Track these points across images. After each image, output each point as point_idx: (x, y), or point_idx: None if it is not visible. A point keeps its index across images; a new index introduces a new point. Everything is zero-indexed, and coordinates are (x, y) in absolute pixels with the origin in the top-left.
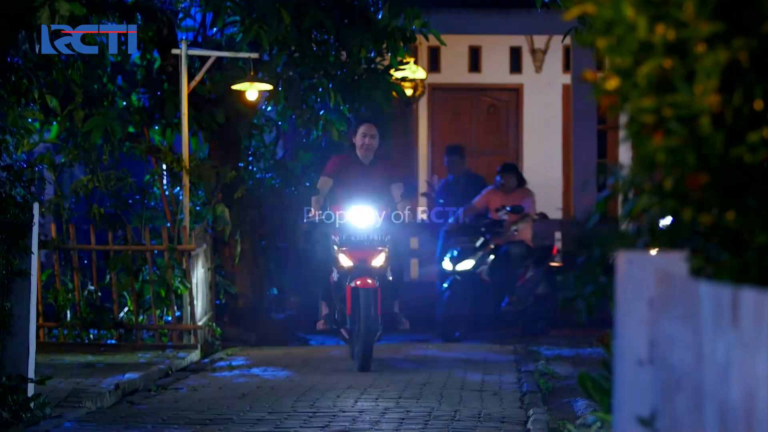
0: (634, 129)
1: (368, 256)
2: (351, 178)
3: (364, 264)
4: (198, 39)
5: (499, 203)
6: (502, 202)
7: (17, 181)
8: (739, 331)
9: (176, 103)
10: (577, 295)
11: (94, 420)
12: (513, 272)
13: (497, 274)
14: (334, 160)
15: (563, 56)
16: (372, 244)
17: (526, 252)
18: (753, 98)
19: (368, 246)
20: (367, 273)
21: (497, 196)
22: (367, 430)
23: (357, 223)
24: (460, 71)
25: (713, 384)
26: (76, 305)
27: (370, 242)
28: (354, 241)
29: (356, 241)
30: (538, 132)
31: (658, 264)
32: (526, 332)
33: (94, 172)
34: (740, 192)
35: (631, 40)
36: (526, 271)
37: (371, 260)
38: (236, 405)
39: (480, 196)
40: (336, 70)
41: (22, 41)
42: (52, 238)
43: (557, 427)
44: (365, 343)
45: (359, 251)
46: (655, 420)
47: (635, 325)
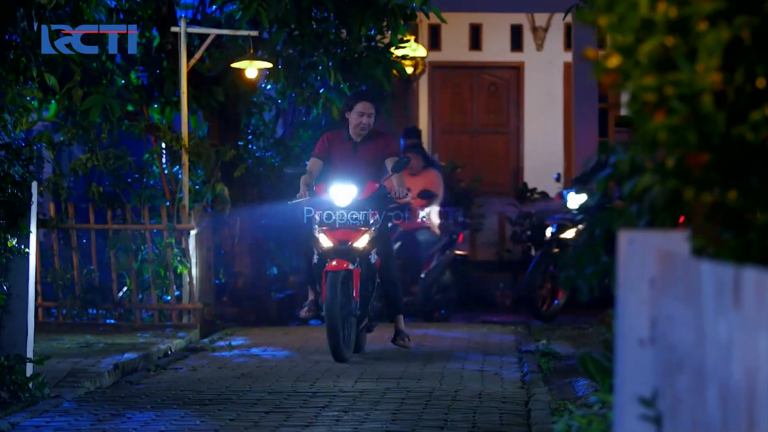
0: (635, 107)
1: (350, 236)
2: (341, 155)
3: (344, 245)
4: (197, 17)
5: (350, 153)
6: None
7: (16, 159)
8: (740, 311)
9: (175, 81)
10: (578, 275)
11: (93, 400)
12: (418, 260)
13: (403, 261)
14: (324, 139)
15: (564, 34)
16: (355, 223)
17: (433, 239)
18: (755, 76)
19: (350, 225)
20: (345, 255)
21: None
22: (368, 410)
23: (338, 201)
24: (460, 49)
25: (715, 364)
26: (75, 285)
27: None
28: (335, 220)
29: (337, 220)
30: (539, 110)
31: (659, 243)
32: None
33: (93, 151)
34: (742, 171)
35: (632, 17)
36: (431, 260)
37: (353, 241)
38: (236, 385)
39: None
40: (336, 48)
41: (20, 19)
42: (51, 217)
43: (558, 407)
44: (329, 331)
45: (339, 231)
46: (657, 400)
47: (636, 304)
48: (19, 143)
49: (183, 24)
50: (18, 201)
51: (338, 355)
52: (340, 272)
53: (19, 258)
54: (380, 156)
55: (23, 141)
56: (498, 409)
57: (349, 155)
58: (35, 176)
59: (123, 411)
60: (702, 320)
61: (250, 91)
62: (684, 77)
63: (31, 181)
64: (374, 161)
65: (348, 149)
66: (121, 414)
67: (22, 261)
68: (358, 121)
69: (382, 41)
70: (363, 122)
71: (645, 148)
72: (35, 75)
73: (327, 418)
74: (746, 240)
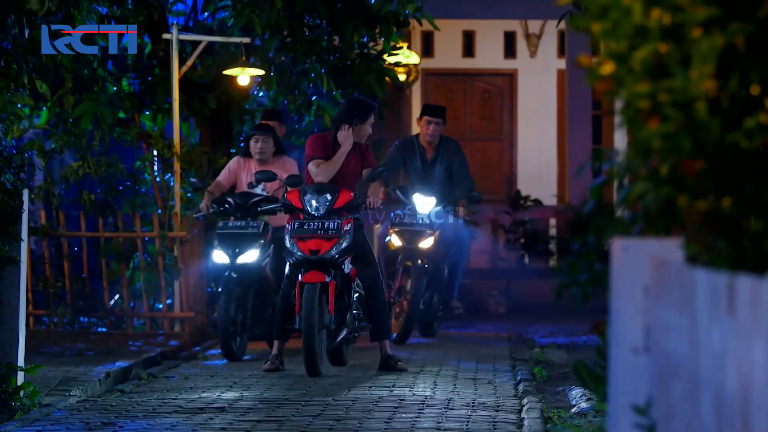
0: (629, 114)
1: (321, 245)
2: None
3: (315, 254)
4: (189, 23)
5: (253, 178)
6: (255, 176)
7: (7, 167)
8: (735, 318)
9: (167, 88)
10: (571, 283)
11: (85, 409)
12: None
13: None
14: (318, 142)
15: (558, 41)
16: (326, 232)
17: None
18: (749, 83)
19: (321, 235)
20: (319, 265)
21: (248, 167)
22: (360, 419)
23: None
24: (453, 56)
25: (709, 372)
26: (66, 293)
27: (324, 231)
28: (307, 228)
29: (309, 228)
30: (533, 117)
31: (653, 251)
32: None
33: (85, 158)
34: (736, 178)
35: (626, 24)
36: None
37: (324, 250)
38: (228, 393)
39: (226, 169)
40: (328, 55)
41: (11, 25)
42: (42, 225)
43: (552, 415)
44: (305, 346)
45: (311, 240)
46: (651, 408)
47: (630, 312)
48: (10, 151)
49: (175, 31)
50: (9, 209)
51: (312, 370)
52: (317, 285)
53: (10, 266)
54: (360, 167)
55: (14, 148)
56: (491, 417)
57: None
58: (26, 184)
59: (114, 420)
60: (696, 328)
61: (243, 98)
62: (678, 84)
63: (22, 189)
64: (356, 172)
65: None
66: (113, 423)
67: (13, 269)
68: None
69: (375, 48)
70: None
71: (639, 155)
72: (26, 82)
73: (319, 427)
74: (740, 247)
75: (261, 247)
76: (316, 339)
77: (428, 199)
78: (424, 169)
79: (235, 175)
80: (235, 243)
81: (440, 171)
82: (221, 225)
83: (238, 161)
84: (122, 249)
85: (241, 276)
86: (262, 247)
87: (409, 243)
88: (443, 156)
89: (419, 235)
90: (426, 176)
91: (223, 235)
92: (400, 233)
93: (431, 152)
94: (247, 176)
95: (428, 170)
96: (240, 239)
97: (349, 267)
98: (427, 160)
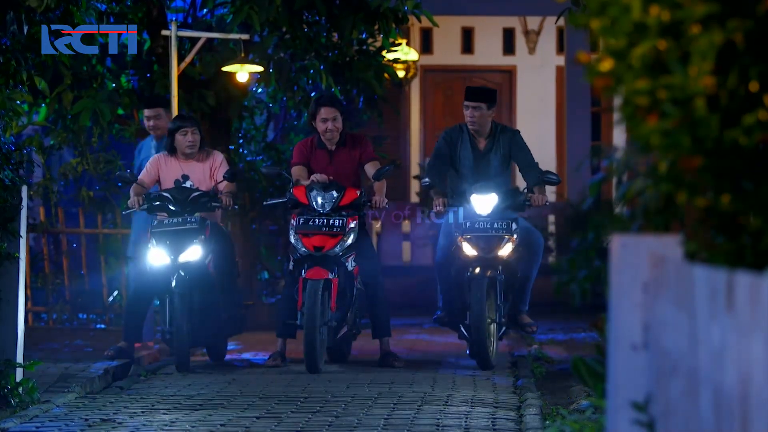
0: (628, 111)
1: (325, 242)
2: (317, 166)
3: (319, 251)
4: (188, 20)
5: (179, 174)
6: (183, 171)
7: (5, 163)
8: (734, 315)
9: (166, 85)
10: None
11: (83, 405)
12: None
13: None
14: (299, 148)
15: (557, 37)
16: (331, 229)
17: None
18: (748, 80)
19: (326, 231)
20: (323, 262)
21: (172, 164)
22: (359, 415)
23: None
24: (452, 53)
25: (708, 369)
26: (65, 289)
27: (329, 227)
28: (312, 225)
29: (314, 225)
30: (532, 114)
31: (652, 248)
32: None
33: (83, 155)
34: (735, 175)
35: (625, 21)
36: None
37: (328, 247)
38: (227, 390)
39: (145, 170)
40: (327, 52)
41: (10, 22)
42: (41, 222)
43: (551, 412)
44: (307, 343)
45: (315, 236)
46: (650, 405)
47: (629, 309)
48: (9, 147)
49: (174, 27)
50: (8, 205)
51: (312, 366)
52: (320, 281)
53: (8, 263)
54: (357, 162)
55: (13, 145)
56: (490, 413)
57: (326, 165)
58: (25, 180)
59: (113, 416)
60: (695, 325)
61: (241, 94)
62: (677, 81)
63: (21, 186)
64: (352, 168)
65: (324, 159)
66: (111, 419)
67: (12, 266)
68: (324, 127)
69: (374, 45)
70: (329, 127)
71: (638, 151)
72: (25, 79)
73: (319, 423)
74: (739, 244)
75: (202, 243)
76: (317, 336)
77: (488, 197)
78: (476, 162)
79: (157, 175)
80: (174, 240)
81: (496, 163)
82: (156, 223)
83: (159, 159)
84: (121, 245)
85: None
86: (203, 243)
87: (486, 252)
88: (497, 145)
89: (496, 241)
90: (479, 169)
91: (161, 233)
92: (473, 240)
93: (483, 142)
94: (173, 174)
95: (481, 162)
96: (180, 236)
97: (353, 264)
98: (480, 150)
